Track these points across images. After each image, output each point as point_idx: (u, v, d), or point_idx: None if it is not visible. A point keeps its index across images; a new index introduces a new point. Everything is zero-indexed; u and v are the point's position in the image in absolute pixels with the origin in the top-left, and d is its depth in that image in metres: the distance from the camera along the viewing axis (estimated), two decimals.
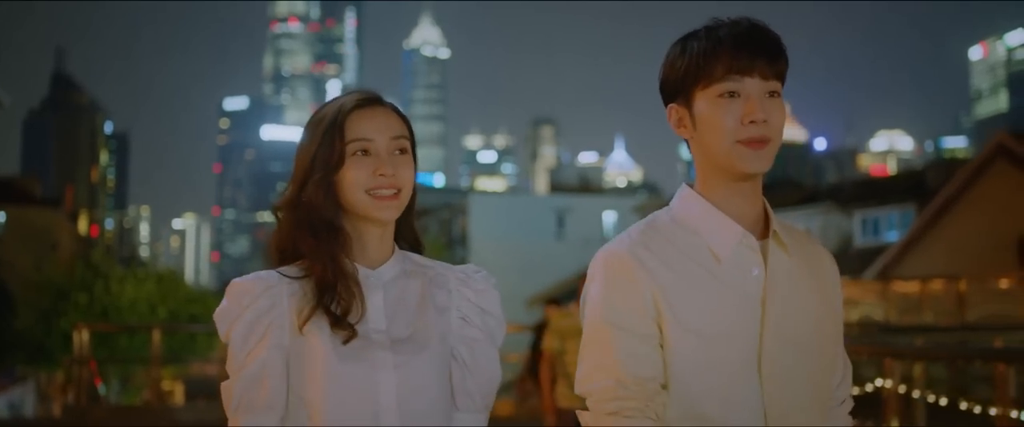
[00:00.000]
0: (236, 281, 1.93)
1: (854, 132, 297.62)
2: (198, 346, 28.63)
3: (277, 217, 1.97)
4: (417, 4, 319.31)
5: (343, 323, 1.85)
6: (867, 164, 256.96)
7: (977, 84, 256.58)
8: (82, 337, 13.12)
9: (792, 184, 51.34)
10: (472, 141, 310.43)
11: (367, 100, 1.95)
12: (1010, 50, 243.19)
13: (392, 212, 1.91)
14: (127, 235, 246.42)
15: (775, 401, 1.83)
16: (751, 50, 1.82)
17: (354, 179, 1.88)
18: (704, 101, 1.85)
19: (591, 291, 1.91)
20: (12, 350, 31.43)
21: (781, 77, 1.86)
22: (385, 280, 1.94)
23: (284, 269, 1.93)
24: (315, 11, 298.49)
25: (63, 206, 61.34)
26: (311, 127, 1.94)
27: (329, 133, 1.89)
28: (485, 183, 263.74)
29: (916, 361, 7.66)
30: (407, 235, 2.04)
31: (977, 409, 7.31)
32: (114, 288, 30.06)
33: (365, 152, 1.89)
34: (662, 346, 1.84)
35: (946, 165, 32.69)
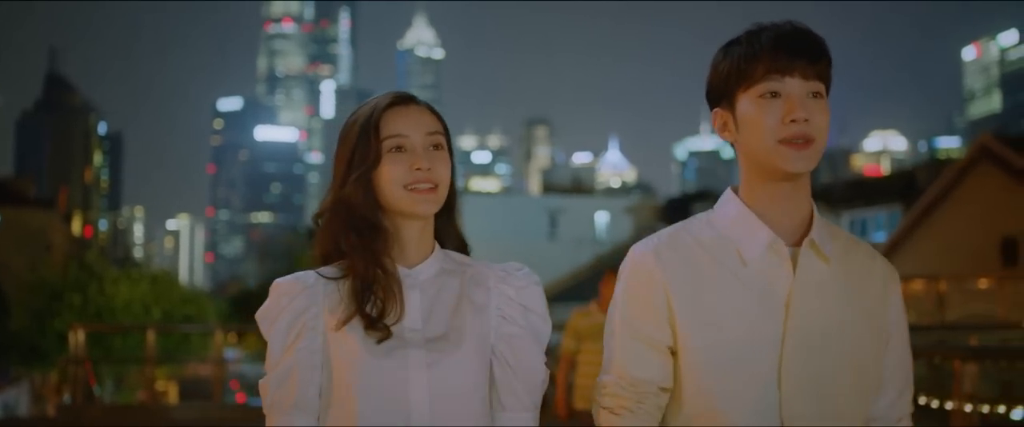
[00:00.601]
0: (278, 281, 1.95)
1: (848, 132, 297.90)
2: (192, 346, 28.79)
3: (317, 224, 1.98)
4: (411, 5, 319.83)
5: (378, 324, 1.86)
6: (861, 164, 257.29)
7: (970, 84, 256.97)
8: (78, 337, 13.30)
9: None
10: (466, 142, 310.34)
11: (401, 98, 1.98)
12: (1003, 50, 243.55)
13: (431, 206, 1.91)
14: (121, 236, 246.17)
15: (794, 412, 1.82)
16: (791, 50, 1.83)
17: (391, 175, 1.90)
18: (746, 102, 1.87)
19: (616, 289, 1.97)
20: (6, 351, 31.55)
21: (824, 78, 1.86)
22: (422, 279, 1.94)
23: (323, 269, 1.95)
24: (309, 11, 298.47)
25: (57, 207, 61.45)
26: (346, 130, 1.97)
27: (364, 132, 1.92)
28: (479, 183, 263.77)
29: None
30: (452, 236, 2.04)
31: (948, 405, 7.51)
32: (108, 289, 30.20)
33: (401, 148, 1.91)
34: (675, 350, 1.88)
35: (936, 165, 32.97)
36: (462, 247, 2.05)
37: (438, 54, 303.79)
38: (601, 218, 48.66)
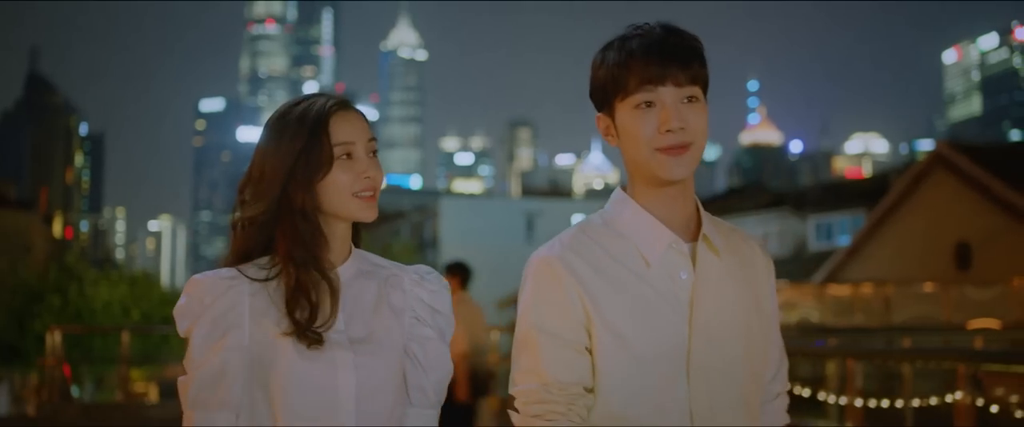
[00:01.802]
0: (196, 278, 1.94)
1: (829, 135, 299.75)
2: (172, 347, 29.05)
3: (241, 225, 1.98)
4: (394, 6, 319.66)
5: (309, 330, 1.88)
6: (842, 166, 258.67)
7: (951, 87, 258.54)
8: (54, 339, 13.65)
9: (759, 188, 52.21)
10: (449, 143, 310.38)
11: (345, 103, 1.99)
12: (983, 54, 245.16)
13: (374, 212, 1.96)
14: (102, 237, 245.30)
15: (702, 403, 1.87)
16: (662, 59, 1.85)
17: (341, 182, 1.92)
18: (623, 112, 1.90)
19: (522, 296, 1.96)
20: None
21: (698, 80, 1.88)
22: (343, 280, 1.98)
23: (245, 268, 1.94)
24: (292, 13, 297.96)
25: (37, 208, 61.49)
26: (290, 125, 1.95)
27: (315, 134, 1.91)
28: (462, 185, 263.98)
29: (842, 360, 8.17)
30: (357, 233, 2.09)
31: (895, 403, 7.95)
32: (87, 290, 30.43)
33: (349, 156, 1.93)
34: (591, 350, 1.90)
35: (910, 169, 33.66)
36: (357, 240, 2.09)
37: (421, 56, 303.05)
38: (577, 221, 49.06)
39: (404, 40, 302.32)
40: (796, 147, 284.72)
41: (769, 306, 2.01)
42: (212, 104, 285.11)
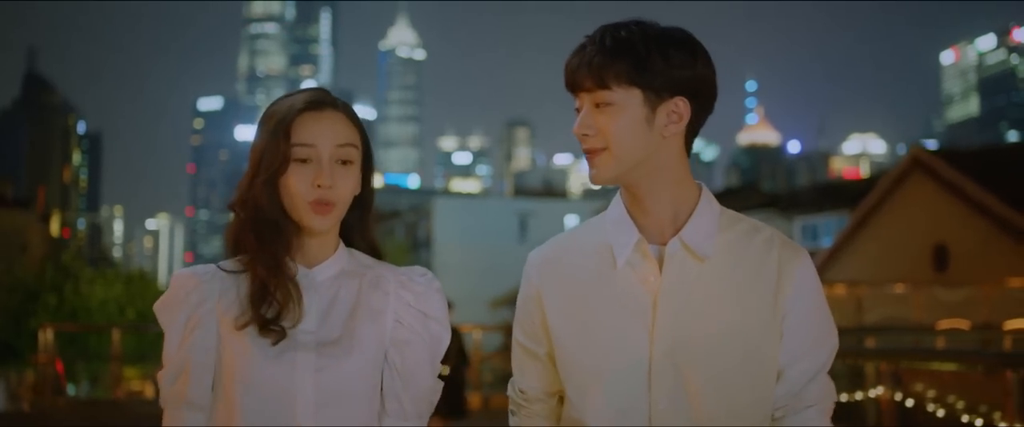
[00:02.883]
0: (178, 273, 1.94)
1: (827, 135, 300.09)
2: None
3: (234, 212, 1.95)
4: (393, 6, 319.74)
5: (273, 327, 1.84)
6: (840, 167, 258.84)
7: (948, 88, 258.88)
8: (47, 336, 13.95)
9: (753, 189, 52.47)
10: (447, 142, 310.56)
11: (317, 102, 1.91)
12: (981, 55, 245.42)
13: (324, 224, 1.88)
14: (100, 235, 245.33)
15: (663, 412, 1.82)
16: (575, 68, 1.87)
17: (293, 187, 1.86)
18: None
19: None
20: None
21: (613, 84, 1.83)
22: (319, 280, 1.92)
23: (224, 263, 1.94)
24: (291, 12, 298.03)
25: (35, 207, 61.69)
26: (263, 123, 1.92)
27: (276, 134, 1.87)
28: (460, 184, 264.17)
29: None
30: (361, 240, 2.03)
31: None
32: (83, 289, 30.71)
33: (306, 160, 1.87)
34: (554, 355, 1.93)
35: None
36: (373, 252, 2.03)
37: (420, 55, 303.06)
38: (571, 221, 49.39)
39: (402, 39, 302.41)
40: (794, 147, 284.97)
41: (776, 313, 1.86)
42: (210, 103, 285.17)
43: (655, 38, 1.85)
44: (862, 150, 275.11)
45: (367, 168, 1.96)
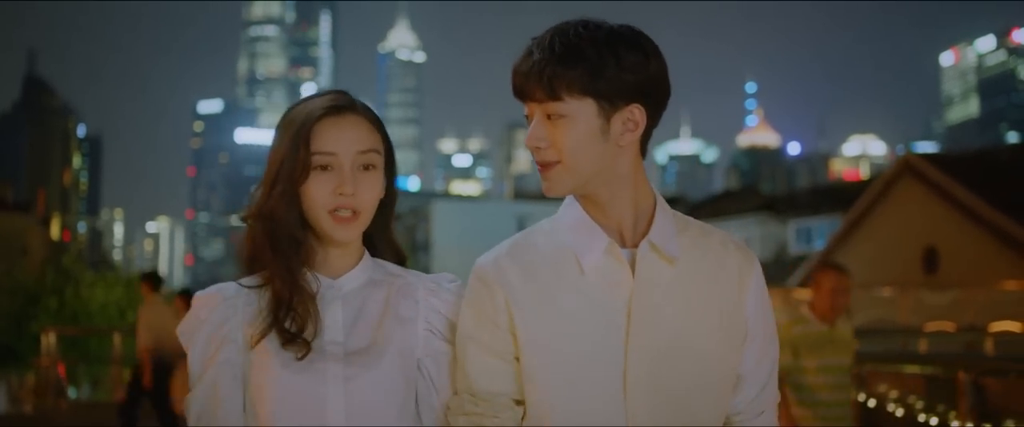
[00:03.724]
0: (199, 294, 1.89)
1: (827, 137, 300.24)
2: None
3: (247, 224, 1.90)
4: (393, 8, 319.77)
5: (297, 340, 1.80)
6: (840, 168, 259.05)
7: (948, 90, 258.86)
8: (49, 339, 14.16)
9: (751, 191, 52.69)
10: (447, 145, 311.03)
11: (337, 107, 1.86)
12: (980, 56, 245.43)
13: (349, 234, 1.85)
14: (100, 239, 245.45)
15: (640, 416, 1.78)
16: (523, 76, 1.81)
17: (315, 196, 1.81)
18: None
19: (462, 302, 1.92)
20: None
21: (564, 95, 1.76)
22: (346, 290, 1.88)
23: (245, 280, 1.89)
24: (290, 14, 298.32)
25: (35, 210, 61.84)
26: (281, 129, 1.87)
27: (295, 141, 1.81)
28: (460, 187, 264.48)
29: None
30: (388, 245, 2.00)
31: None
32: (84, 293, 30.89)
33: (327, 168, 1.82)
34: (520, 360, 1.83)
35: None
36: (398, 257, 2.01)
37: (420, 57, 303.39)
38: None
39: (402, 42, 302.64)
40: (794, 149, 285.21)
41: (745, 314, 1.88)
42: (210, 106, 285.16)
43: (606, 41, 1.77)
44: (862, 151, 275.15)
45: (390, 172, 1.92)
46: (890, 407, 6.42)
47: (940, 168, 20.83)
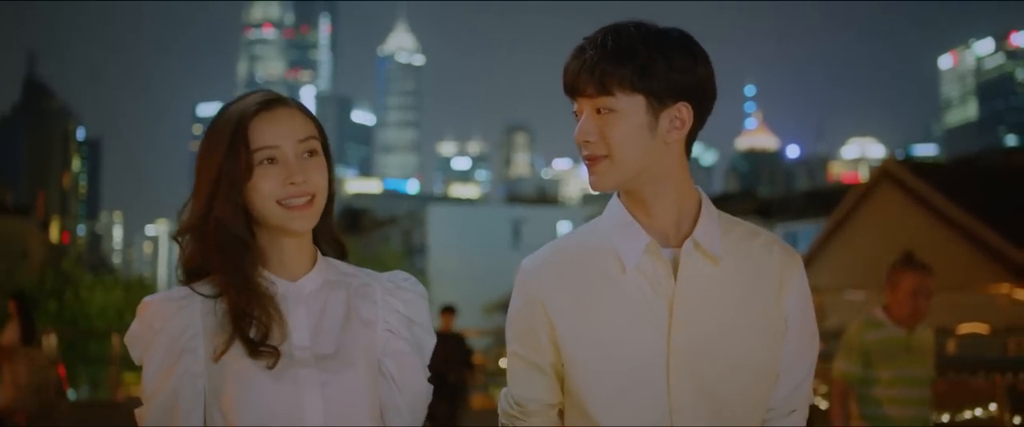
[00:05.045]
0: (147, 300, 1.84)
1: (826, 139, 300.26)
2: None
3: (179, 241, 1.87)
4: (392, 11, 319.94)
5: (264, 348, 1.76)
6: (839, 171, 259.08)
7: (947, 92, 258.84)
8: (50, 342, 14.57)
9: (748, 195, 53.05)
10: (446, 148, 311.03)
11: (269, 102, 1.83)
12: (979, 59, 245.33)
13: (307, 221, 1.82)
14: (99, 241, 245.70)
15: (684, 415, 1.81)
16: (576, 72, 1.84)
17: (264, 190, 1.78)
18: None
19: (509, 305, 1.98)
20: None
21: (616, 90, 1.80)
22: (306, 293, 1.85)
23: (197, 285, 1.83)
24: (289, 17, 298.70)
25: (34, 213, 62.08)
26: (213, 135, 1.82)
27: (233, 142, 1.78)
28: (459, 190, 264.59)
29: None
30: (328, 240, 1.96)
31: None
32: (83, 296, 31.29)
33: (272, 160, 1.79)
34: (562, 364, 1.87)
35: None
36: (341, 251, 1.99)
37: (419, 60, 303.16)
38: (564, 228, 49.99)
39: (401, 44, 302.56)
40: (793, 152, 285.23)
41: (785, 317, 1.90)
42: (209, 109, 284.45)
43: (657, 41, 1.81)
44: (861, 154, 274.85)
45: (328, 163, 1.89)
46: (822, 405, 6.79)
47: (918, 175, 21.32)
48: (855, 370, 4.60)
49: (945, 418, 5.32)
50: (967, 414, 5.36)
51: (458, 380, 10.80)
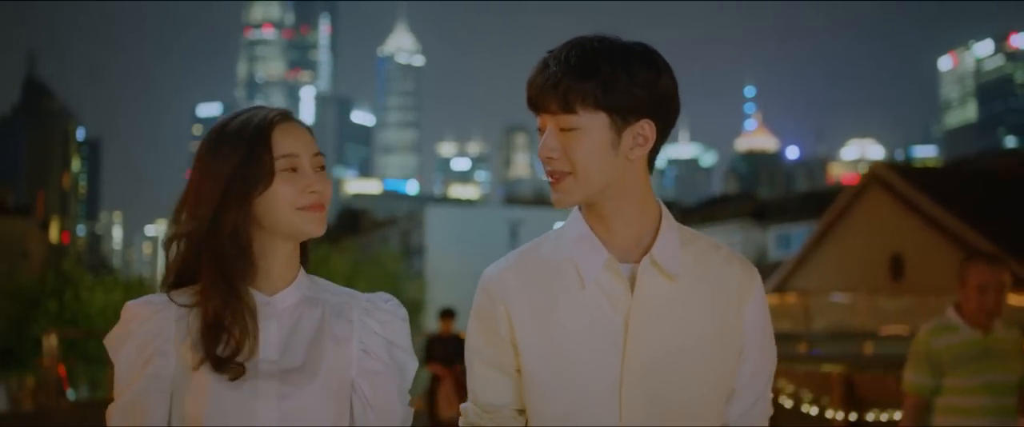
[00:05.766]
0: (128, 304, 1.88)
1: (825, 141, 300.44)
2: None
3: (169, 248, 1.88)
4: (392, 11, 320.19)
5: (229, 365, 1.78)
6: (838, 173, 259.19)
7: (946, 94, 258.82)
8: (51, 342, 14.79)
9: (746, 197, 53.35)
10: (446, 148, 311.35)
11: (286, 114, 1.88)
12: (978, 61, 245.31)
13: (322, 225, 1.85)
14: (99, 242, 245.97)
15: None
16: (539, 88, 1.84)
17: (286, 196, 1.81)
18: None
19: (470, 314, 1.97)
20: None
21: (578, 108, 1.80)
22: (281, 308, 1.87)
23: (174, 293, 1.86)
24: (289, 17, 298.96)
25: (34, 214, 62.27)
26: (225, 140, 1.83)
27: (257, 147, 1.81)
28: (459, 190, 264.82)
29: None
30: (305, 256, 1.99)
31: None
32: (83, 296, 31.49)
33: (293, 169, 1.83)
34: (520, 371, 1.88)
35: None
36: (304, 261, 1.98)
37: (418, 61, 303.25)
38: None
39: (401, 45, 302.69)
40: (792, 153, 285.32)
41: (742, 329, 1.90)
42: (209, 109, 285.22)
43: (620, 56, 1.82)
44: (860, 156, 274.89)
45: None
46: (781, 400, 7.11)
47: (905, 179, 21.62)
48: (925, 381, 4.09)
49: (897, 416, 5.63)
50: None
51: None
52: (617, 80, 1.79)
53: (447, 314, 11.84)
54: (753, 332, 1.91)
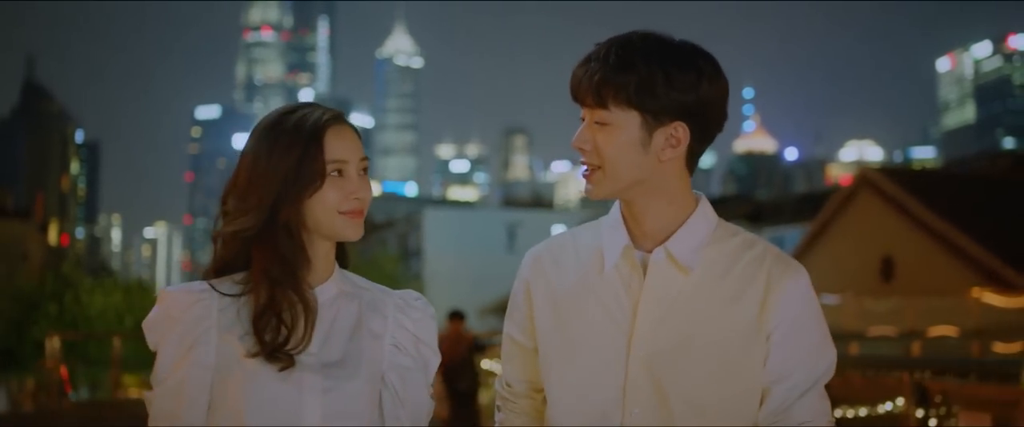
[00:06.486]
0: (167, 290, 1.88)
1: (824, 142, 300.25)
2: None
3: (223, 239, 1.90)
4: (390, 13, 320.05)
5: (281, 353, 1.80)
6: (837, 174, 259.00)
7: (945, 95, 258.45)
8: (53, 344, 14.99)
9: (745, 198, 53.44)
10: (444, 150, 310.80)
11: (339, 117, 1.90)
12: (977, 62, 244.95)
13: (360, 230, 1.89)
14: (98, 244, 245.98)
15: (637, 418, 1.82)
16: (578, 81, 1.86)
17: (330, 200, 1.84)
18: None
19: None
20: None
21: (611, 104, 1.82)
22: (321, 302, 1.89)
23: (216, 282, 1.87)
24: (288, 19, 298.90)
25: (33, 216, 62.37)
26: (285, 135, 1.85)
27: (310, 148, 1.83)
28: (457, 192, 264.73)
29: None
30: (343, 252, 2.02)
31: None
32: (83, 298, 31.66)
33: (340, 173, 1.85)
34: (536, 350, 1.95)
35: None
36: (344, 255, 2.02)
37: (417, 63, 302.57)
38: (558, 231, 50.44)
39: (400, 47, 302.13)
40: (791, 155, 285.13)
41: (762, 328, 1.84)
42: (208, 111, 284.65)
43: (660, 57, 1.81)
44: (859, 157, 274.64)
45: None
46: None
47: (895, 182, 21.85)
48: None
49: (862, 412, 5.88)
50: (880, 408, 5.94)
51: (469, 386, 11.08)
52: (652, 80, 1.79)
53: (456, 316, 11.97)
54: (786, 326, 1.84)
